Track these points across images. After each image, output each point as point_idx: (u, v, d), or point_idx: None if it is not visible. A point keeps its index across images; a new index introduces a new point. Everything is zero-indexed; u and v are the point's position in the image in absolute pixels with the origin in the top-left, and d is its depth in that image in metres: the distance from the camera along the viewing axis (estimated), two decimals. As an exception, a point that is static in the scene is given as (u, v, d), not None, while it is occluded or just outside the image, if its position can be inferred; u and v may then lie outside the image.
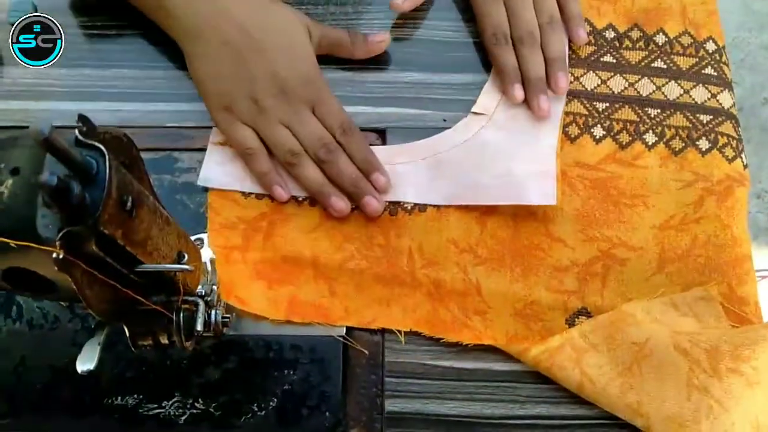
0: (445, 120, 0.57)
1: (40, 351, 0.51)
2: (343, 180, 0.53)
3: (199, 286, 0.47)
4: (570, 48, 0.59)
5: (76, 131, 0.32)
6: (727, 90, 0.59)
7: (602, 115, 0.57)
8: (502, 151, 0.55)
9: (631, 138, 0.57)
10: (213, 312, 0.43)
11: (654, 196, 0.55)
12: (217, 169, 0.55)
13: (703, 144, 0.56)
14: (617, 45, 0.60)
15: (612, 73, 0.59)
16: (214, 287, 0.50)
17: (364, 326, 0.51)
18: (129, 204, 0.33)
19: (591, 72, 0.59)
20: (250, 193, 0.55)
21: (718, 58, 0.59)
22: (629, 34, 0.60)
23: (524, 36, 0.57)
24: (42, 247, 0.30)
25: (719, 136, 0.57)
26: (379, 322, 0.51)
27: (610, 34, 0.60)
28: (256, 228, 0.54)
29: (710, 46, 0.60)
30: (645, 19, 0.60)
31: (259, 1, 0.54)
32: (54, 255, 0.30)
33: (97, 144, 0.32)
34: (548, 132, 0.56)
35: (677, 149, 0.56)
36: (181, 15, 0.53)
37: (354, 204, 0.54)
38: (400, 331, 0.51)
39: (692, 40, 0.60)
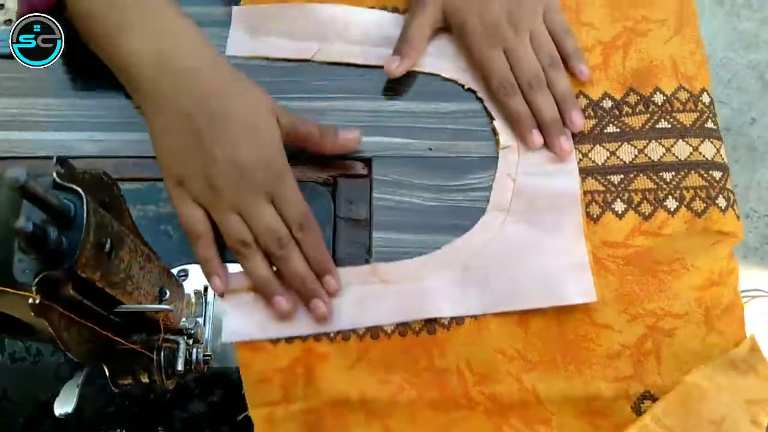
0: (431, 149, 0.57)
1: (22, 385, 0.50)
2: (293, 279, 0.50)
3: (183, 319, 0.47)
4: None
5: (54, 174, 0.32)
6: (723, 144, 0.58)
7: (619, 188, 0.56)
8: (530, 247, 0.53)
9: (653, 207, 0.55)
10: (195, 350, 0.42)
11: (689, 257, 0.53)
12: (241, 320, 0.51)
13: (722, 202, 0.55)
14: (617, 113, 0.58)
15: (619, 143, 0.57)
16: (198, 320, 0.50)
17: None
18: (108, 246, 0.33)
19: (598, 146, 0.57)
20: (278, 339, 0.51)
21: (713, 110, 0.58)
22: (626, 99, 0.58)
23: (532, 81, 0.57)
24: (18, 293, 0.30)
25: (729, 194, 0.56)
26: None
27: (608, 103, 0.58)
28: (294, 375, 0.50)
29: (705, 99, 0.58)
30: (639, 81, 0.59)
31: (228, 78, 0.52)
32: (30, 300, 0.30)
33: (74, 187, 0.31)
34: (572, 215, 0.54)
35: (700, 211, 0.55)
36: (144, 83, 0.50)
37: (303, 303, 0.51)
38: None
39: (689, 95, 0.58)
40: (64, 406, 0.37)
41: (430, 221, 0.55)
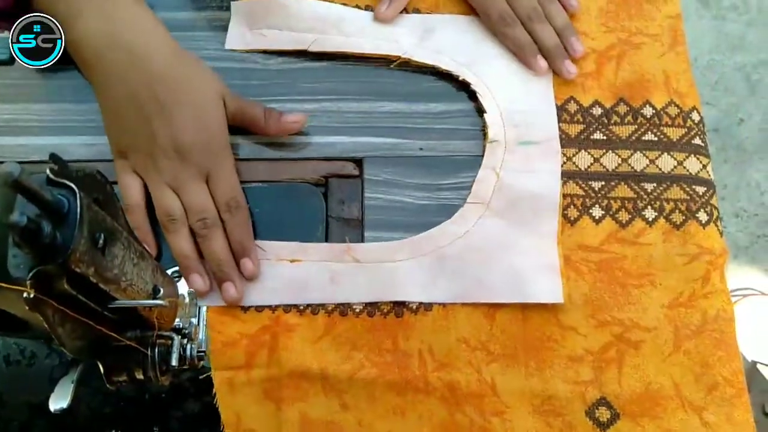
0: (421, 149, 0.58)
1: (17, 387, 0.50)
2: (211, 259, 0.52)
3: (177, 319, 0.47)
4: (559, 127, 0.58)
5: (48, 170, 0.32)
6: (710, 162, 0.58)
7: (599, 195, 0.56)
8: (504, 243, 0.54)
9: (630, 216, 0.56)
10: (188, 346, 0.42)
11: (660, 273, 0.54)
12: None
13: (702, 216, 0.55)
14: (606, 121, 0.59)
15: (604, 150, 0.58)
16: (192, 320, 0.50)
17: None
18: (101, 241, 0.33)
19: (583, 151, 0.58)
20: (249, 307, 0.52)
21: (703, 128, 0.59)
22: (616, 109, 0.59)
23: (531, 13, 0.60)
24: (12, 287, 0.30)
25: (713, 210, 0.56)
26: None
27: (597, 111, 0.59)
28: (260, 342, 0.51)
29: (695, 117, 0.59)
30: (630, 92, 0.59)
31: (178, 62, 0.53)
32: (25, 294, 0.30)
33: (68, 183, 0.32)
34: (548, 217, 0.55)
35: (678, 223, 0.55)
36: (96, 62, 0.52)
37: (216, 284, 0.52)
38: None
39: (679, 110, 0.59)
40: (59, 401, 0.37)
41: (421, 220, 0.56)
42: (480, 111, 0.59)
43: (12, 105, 0.58)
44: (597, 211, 0.56)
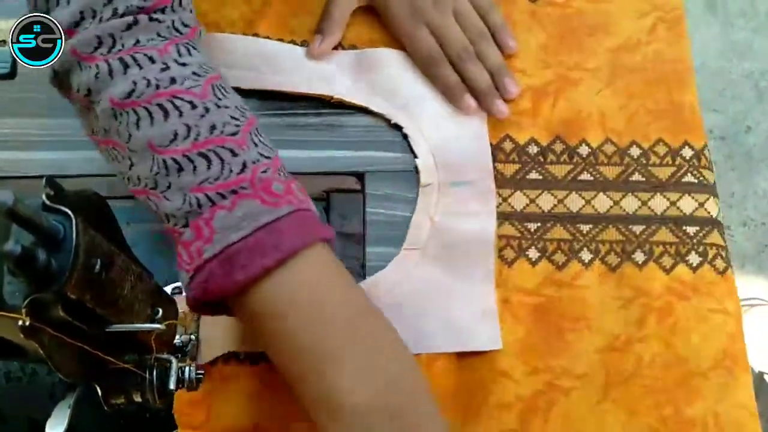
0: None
1: (17, 404, 0.50)
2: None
3: (177, 337, 0.47)
4: (494, 167, 0.57)
5: (44, 195, 0.32)
6: (657, 194, 0.57)
7: (534, 236, 0.55)
8: (441, 289, 0.53)
9: (566, 258, 0.55)
10: (187, 369, 0.42)
11: (596, 318, 0.53)
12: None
13: (639, 256, 0.55)
14: (542, 160, 0.57)
15: (540, 191, 0.57)
16: (192, 337, 0.50)
17: None
18: (98, 266, 0.33)
19: (518, 191, 0.57)
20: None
21: (645, 162, 0.58)
22: (552, 147, 0.58)
23: (461, 53, 0.58)
24: (7, 315, 0.30)
25: (662, 246, 0.55)
26: None
27: (533, 149, 0.58)
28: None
29: (635, 152, 0.58)
30: (566, 131, 0.58)
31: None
32: (20, 322, 0.30)
33: (63, 209, 0.32)
34: (484, 259, 0.54)
35: (614, 265, 0.54)
36: (353, 423, 0.39)
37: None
38: None
39: (615, 148, 0.58)
40: (56, 426, 0.37)
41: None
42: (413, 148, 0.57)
43: (12, 119, 0.58)
44: (533, 253, 0.55)
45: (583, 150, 0.58)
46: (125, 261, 0.37)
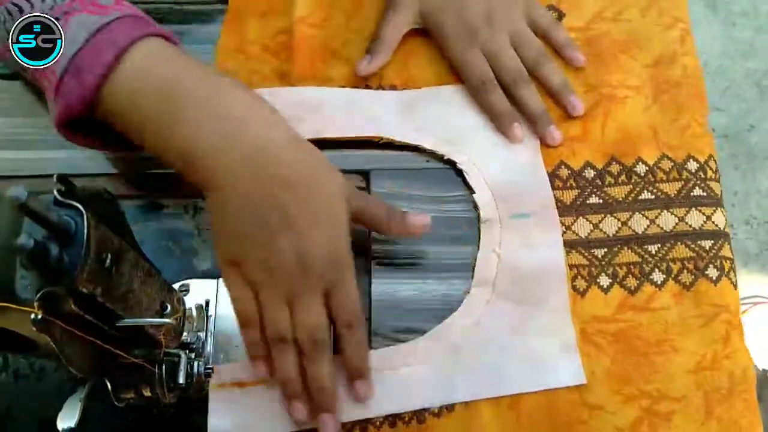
0: (427, 161, 0.58)
1: (26, 402, 0.51)
2: (314, 383, 0.46)
3: (185, 333, 0.48)
4: (554, 196, 0.55)
5: (55, 191, 0.33)
6: (719, 208, 0.56)
7: (603, 262, 0.54)
8: (517, 327, 0.52)
9: (638, 281, 0.53)
10: (196, 363, 0.43)
11: (678, 338, 0.51)
12: (226, 419, 0.48)
13: (712, 272, 0.53)
14: (600, 183, 0.56)
15: (602, 215, 0.55)
16: (200, 334, 0.50)
17: None
18: (108, 261, 0.34)
19: (581, 217, 0.55)
20: None
21: (705, 175, 0.56)
22: (609, 168, 0.57)
23: (515, 77, 0.57)
24: (20, 308, 0.30)
25: (723, 261, 0.54)
26: None
27: (590, 173, 0.56)
28: None
29: (691, 166, 0.57)
30: (620, 150, 0.57)
31: (302, 162, 0.47)
32: (32, 316, 0.30)
33: (75, 204, 0.32)
34: (557, 292, 0.53)
35: (688, 283, 0.53)
36: (207, 168, 0.45)
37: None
38: None
39: (673, 164, 0.57)
40: (67, 420, 0.38)
41: (429, 232, 0.55)
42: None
43: (18, 119, 0.58)
44: (604, 280, 0.53)
45: (641, 168, 0.57)
46: (135, 256, 0.37)
